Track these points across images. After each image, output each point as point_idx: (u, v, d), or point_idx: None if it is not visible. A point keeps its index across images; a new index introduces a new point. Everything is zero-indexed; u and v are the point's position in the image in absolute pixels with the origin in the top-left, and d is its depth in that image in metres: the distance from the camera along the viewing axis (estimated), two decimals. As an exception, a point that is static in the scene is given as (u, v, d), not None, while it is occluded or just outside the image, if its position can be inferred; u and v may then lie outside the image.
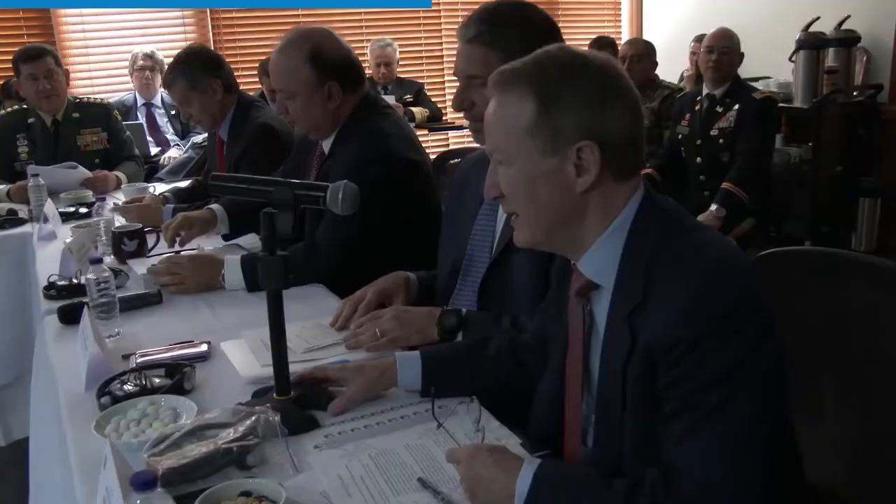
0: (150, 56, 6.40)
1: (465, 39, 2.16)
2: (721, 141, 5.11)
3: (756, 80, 6.34)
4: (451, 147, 8.22)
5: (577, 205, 1.49)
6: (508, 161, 1.50)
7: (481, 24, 2.13)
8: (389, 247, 2.74)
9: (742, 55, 5.25)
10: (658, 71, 6.58)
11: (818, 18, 6.20)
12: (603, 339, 1.53)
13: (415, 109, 7.26)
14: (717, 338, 1.34)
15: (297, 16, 7.65)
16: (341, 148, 2.87)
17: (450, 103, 2.31)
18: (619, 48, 6.62)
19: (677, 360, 1.36)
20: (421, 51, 8.39)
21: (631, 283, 1.45)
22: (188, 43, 7.15)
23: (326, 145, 2.96)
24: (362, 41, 7.76)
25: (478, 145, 2.39)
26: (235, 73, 4.00)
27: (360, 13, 8.03)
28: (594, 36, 7.53)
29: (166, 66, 6.11)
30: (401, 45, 7.70)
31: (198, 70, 3.74)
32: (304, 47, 2.80)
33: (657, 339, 1.38)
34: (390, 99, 6.74)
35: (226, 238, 3.33)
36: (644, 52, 6.34)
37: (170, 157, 5.83)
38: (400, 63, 7.63)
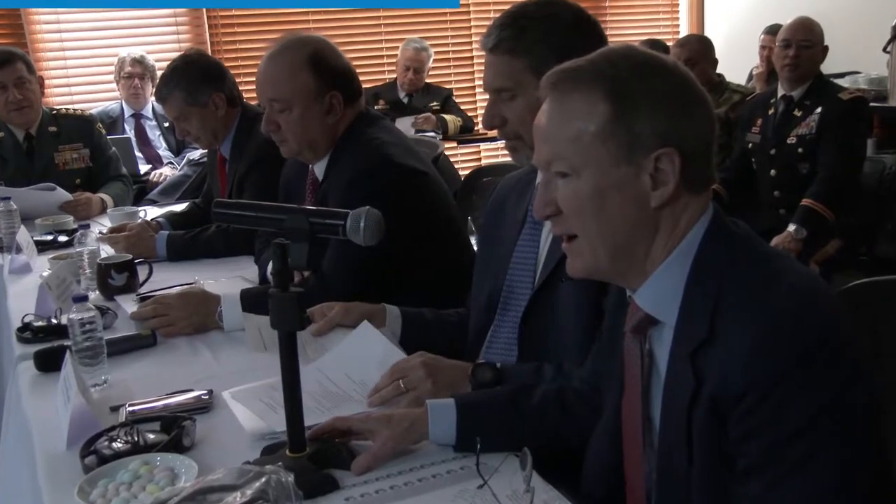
0: (139, 61, 6.43)
1: (486, 49, 2.19)
2: (800, 150, 5.06)
3: (842, 76, 6.29)
4: (482, 162, 8.24)
5: (649, 223, 1.51)
6: (575, 171, 1.51)
7: (502, 29, 2.16)
8: (403, 267, 2.76)
9: (825, 48, 5.19)
10: (723, 69, 6.51)
11: (919, 0, 6.15)
12: (664, 382, 1.53)
13: (448, 117, 7.30)
14: (797, 382, 1.34)
15: (307, 17, 7.73)
16: (337, 167, 2.92)
17: (481, 112, 2.34)
18: (670, 52, 6.45)
19: (750, 409, 1.36)
20: (448, 52, 8.44)
21: (695, 317, 1.46)
22: (181, 45, 7.21)
23: (319, 170, 3.00)
24: (380, 42, 7.84)
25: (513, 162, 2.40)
26: (236, 80, 4.03)
27: (378, 12, 8.09)
28: (647, 34, 7.53)
29: (158, 72, 6.16)
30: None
31: (197, 81, 3.77)
32: (303, 52, 2.85)
33: (725, 384, 1.38)
34: (400, 119, 6.78)
35: None
36: (699, 54, 6.19)
37: (163, 175, 5.84)
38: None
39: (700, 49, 6.19)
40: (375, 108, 7.22)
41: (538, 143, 1.58)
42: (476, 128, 7.63)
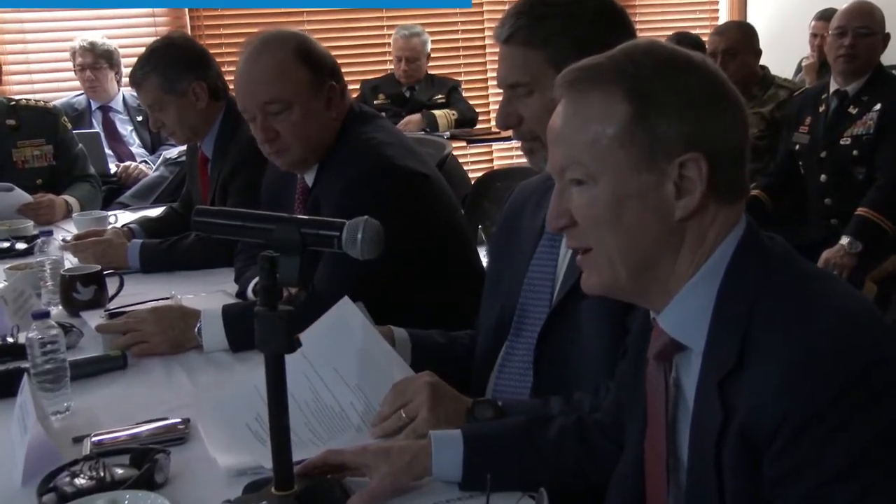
0: (88, 50, 6.30)
1: (500, 40, 2.21)
2: (855, 152, 5.02)
3: (905, 67, 6.25)
4: (495, 164, 8.25)
5: (673, 236, 1.52)
6: (590, 178, 1.52)
7: (518, 18, 2.18)
8: (403, 282, 2.77)
9: (887, 36, 5.14)
10: (768, 60, 6.43)
11: None
12: (692, 415, 1.54)
13: (437, 112, 7.32)
14: (838, 417, 1.34)
15: (302, 21, 7.79)
16: (329, 171, 2.93)
17: (494, 105, 2.35)
18: (707, 42, 6.33)
19: (787, 447, 1.36)
20: (458, 41, 8.51)
21: (724, 342, 1.46)
22: (158, 31, 7.18)
23: (309, 175, 3.02)
24: (382, 30, 7.88)
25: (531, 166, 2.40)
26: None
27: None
28: (682, 21, 7.51)
29: (116, 56, 6.12)
30: (433, 36, 7.80)
31: (176, 66, 3.78)
32: (289, 45, 2.88)
33: (755, 417, 1.39)
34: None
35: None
36: (740, 43, 6.06)
37: (136, 168, 5.83)
38: (432, 57, 7.73)
39: (741, 38, 6.08)
40: (375, 102, 7.24)
41: (552, 147, 1.59)
42: (489, 125, 7.62)
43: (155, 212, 4.54)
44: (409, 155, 2.93)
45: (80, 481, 1.86)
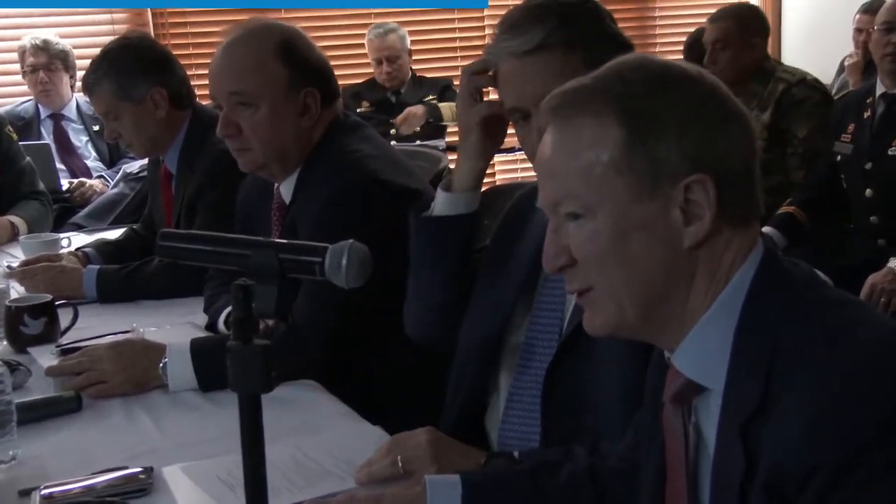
0: (42, 49, 6.29)
1: (526, 49, 2.18)
2: (905, 163, 5.04)
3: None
4: (497, 178, 8.25)
5: (683, 266, 1.54)
6: (588, 212, 1.54)
7: (543, 20, 2.17)
8: (391, 312, 2.75)
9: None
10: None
11: None
12: (713, 464, 1.55)
13: (442, 105, 7.40)
14: (877, 460, 1.34)
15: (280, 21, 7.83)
16: (307, 187, 2.96)
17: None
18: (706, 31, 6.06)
19: (822, 495, 1.36)
20: (455, 40, 8.56)
21: (745, 381, 1.48)
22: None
23: (286, 191, 3.04)
24: (370, 26, 7.92)
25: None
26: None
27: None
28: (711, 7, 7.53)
29: (72, 57, 6.13)
30: (428, 36, 7.93)
31: (132, 70, 3.77)
32: (272, 39, 2.91)
33: (784, 463, 1.40)
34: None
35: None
36: (730, 34, 5.87)
37: (92, 184, 5.80)
38: (426, 59, 7.85)
39: (732, 28, 5.87)
40: (358, 111, 7.26)
41: (542, 181, 1.62)
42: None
43: (113, 234, 4.54)
44: (397, 169, 2.97)
45: (29, 540, 1.87)
